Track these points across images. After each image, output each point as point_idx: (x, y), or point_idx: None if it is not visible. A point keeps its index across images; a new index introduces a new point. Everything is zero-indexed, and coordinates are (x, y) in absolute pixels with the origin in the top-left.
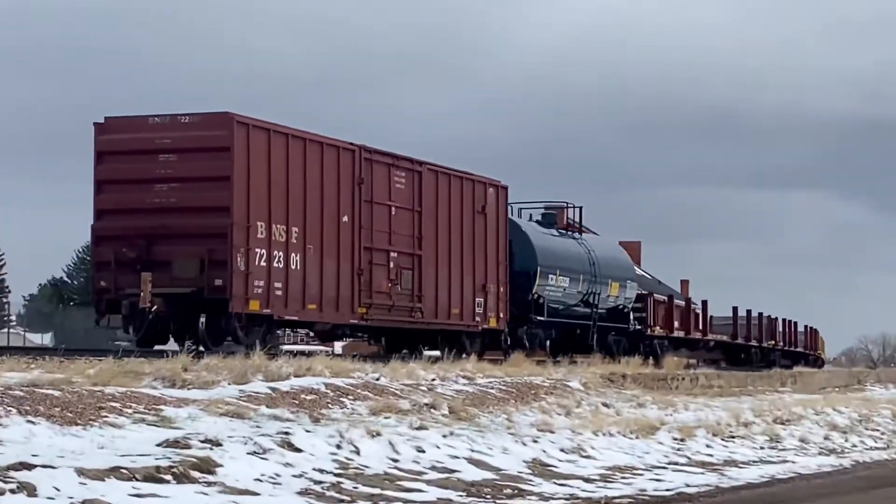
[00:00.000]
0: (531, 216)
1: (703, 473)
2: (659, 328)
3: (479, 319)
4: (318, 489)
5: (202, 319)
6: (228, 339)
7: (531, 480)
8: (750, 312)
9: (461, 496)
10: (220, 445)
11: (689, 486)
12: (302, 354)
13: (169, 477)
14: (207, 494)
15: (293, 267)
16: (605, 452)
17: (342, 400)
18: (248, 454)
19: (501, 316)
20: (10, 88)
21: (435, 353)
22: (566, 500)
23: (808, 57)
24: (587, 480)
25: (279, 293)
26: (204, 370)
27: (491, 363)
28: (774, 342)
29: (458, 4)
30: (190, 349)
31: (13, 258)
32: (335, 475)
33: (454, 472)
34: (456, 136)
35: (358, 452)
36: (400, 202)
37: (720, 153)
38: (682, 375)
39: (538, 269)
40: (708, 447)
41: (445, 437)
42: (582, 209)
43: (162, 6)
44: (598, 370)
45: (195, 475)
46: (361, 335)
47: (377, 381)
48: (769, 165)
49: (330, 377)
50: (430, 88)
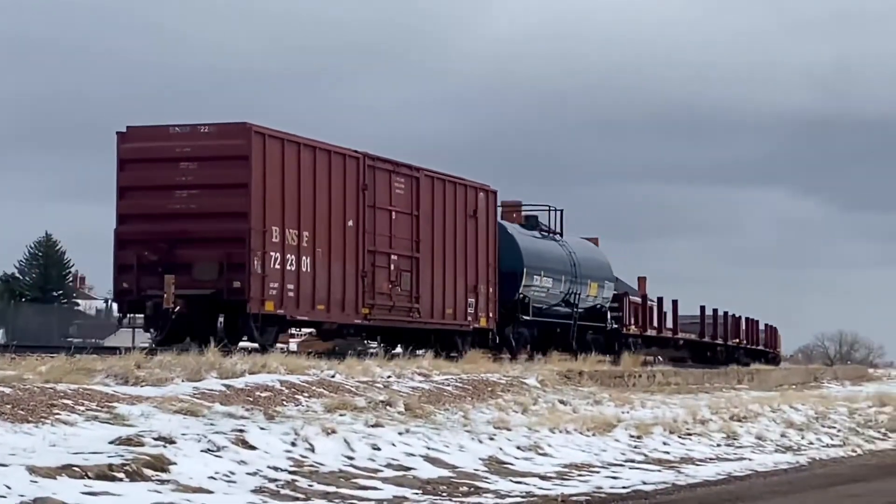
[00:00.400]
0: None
1: (659, 471)
2: (634, 327)
3: (470, 319)
4: (272, 487)
5: (220, 319)
6: (244, 338)
7: (487, 478)
8: (716, 311)
9: (417, 494)
10: (173, 443)
11: (645, 483)
12: (256, 351)
13: (122, 475)
14: (161, 493)
15: (304, 269)
16: (561, 450)
17: (297, 397)
18: (201, 452)
19: (491, 316)
20: None
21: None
22: (522, 497)
23: (763, 52)
24: (543, 478)
25: (291, 294)
26: (157, 367)
27: (447, 360)
28: (738, 340)
29: None
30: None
31: None
32: (290, 473)
33: (410, 469)
34: (412, 129)
35: (313, 450)
36: (400, 207)
37: (676, 148)
38: (639, 373)
39: (524, 270)
40: (665, 445)
41: (401, 434)
42: (563, 212)
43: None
44: (554, 367)
45: (148, 473)
46: (362, 334)
47: (333, 378)
48: (724, 161)
49: (285, 374)
50: (388, 81)
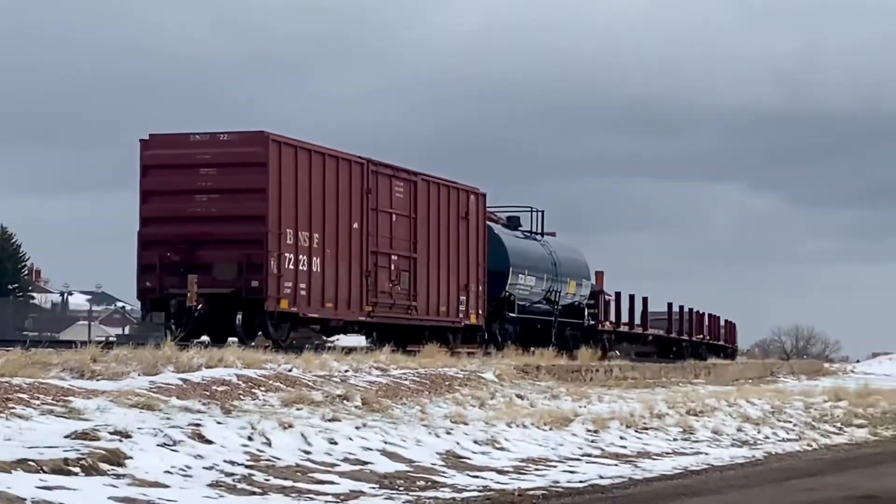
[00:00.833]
0: (498, 219)
1: (616, 465)
2: (609, 323)
3: (461, 316)
4: (229, 481)
5: (239, 317)
6: (259, 334)
7: (444, 472)
8: (682, 308)
9: (374, 488)
10: (129, 437)
11: (602, 477)
12: (213, 345)
13: (77, 469)
14: (117, 487)
15: (314, 269)
16: (518, 444)
17: (254, 391)
18: (158, 446)
19: (480, 313)
20: None
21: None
22: (479, 492)
23: (724, 45)
24: (501, 472)
25: (303, 293)
26: (113, 361)
27: (404, 355)
28: (702, 336)
29: None
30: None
31: None
32: (247, 467)
33: (367, 464)
34: (367, 120)
35: (270, 444)
36: (399, 210)
37: (634, 142)
38: (596, 367)
39: (510, 269)
40: (622, 439)
41: (358, 428)
42: (544, 213)
43: None
44: (512, 361)
45: (104, 467)
46: (364, 330)
47: (290, 372)
48: (683, 155)
49: (242, 368)
50: (341, 72)
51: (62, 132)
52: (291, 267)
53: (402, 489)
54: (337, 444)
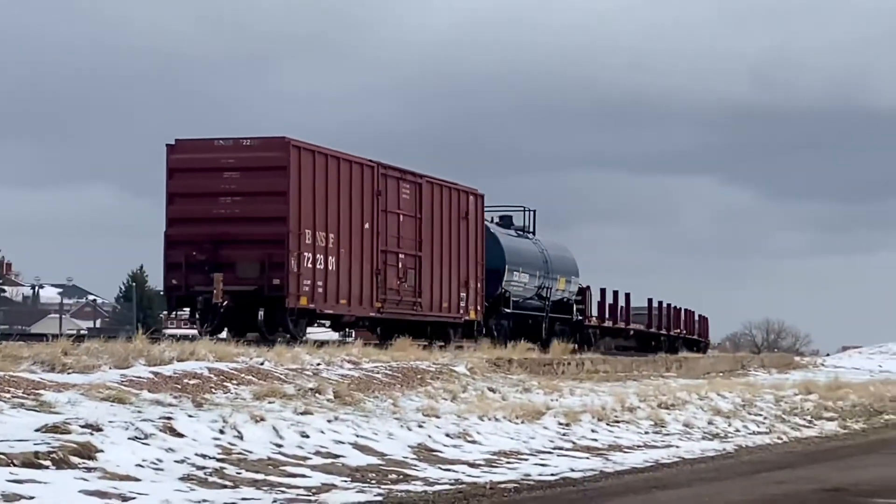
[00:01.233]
0: (492, 219)
1: (588, 458)
2: (595, 318)
3: (462, 312)
4: (200, 475)
5: (261, 313)
6: (280, 329)
7: (416, 465)
8: (661, 303)
9: (346, 481)
10: (100, 431)
11: (574, 470)
12: (185, 339)
13: (48, 462)
14: (87, 480)
15: (330, 268)
16: (490, 437)
17: (226, 384)
18: (129, 439)
19: (479, 309)
20: None
21: None
22: (451, 485)
23: (701, 41)
24: (472, 465)
25: (320, 290)
26: (85, 354)
27: (376, 348)
28: (679, 330)
29: None
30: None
31: None
32: (218, 461)
33: (339, 457)
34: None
35: (241, 437)
36: (406, 211)
37: (610, 136)
38: (568, 360)
39: (506, 266)
40: (593, 432)
41: (330, 422)
42: (535, 212)
43: None
44: (484, 355)
45: (75, 461)
46: (369, 325)
47: (262, 365)
48: (658, 149)
49: (214, 361)
50: (320, 70)
51: (31, 126)
52: (310, 266)
53: (373, 482)
54: (309, 437)
